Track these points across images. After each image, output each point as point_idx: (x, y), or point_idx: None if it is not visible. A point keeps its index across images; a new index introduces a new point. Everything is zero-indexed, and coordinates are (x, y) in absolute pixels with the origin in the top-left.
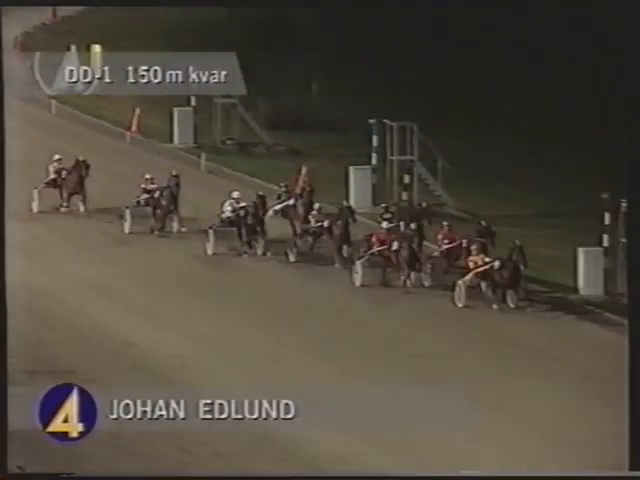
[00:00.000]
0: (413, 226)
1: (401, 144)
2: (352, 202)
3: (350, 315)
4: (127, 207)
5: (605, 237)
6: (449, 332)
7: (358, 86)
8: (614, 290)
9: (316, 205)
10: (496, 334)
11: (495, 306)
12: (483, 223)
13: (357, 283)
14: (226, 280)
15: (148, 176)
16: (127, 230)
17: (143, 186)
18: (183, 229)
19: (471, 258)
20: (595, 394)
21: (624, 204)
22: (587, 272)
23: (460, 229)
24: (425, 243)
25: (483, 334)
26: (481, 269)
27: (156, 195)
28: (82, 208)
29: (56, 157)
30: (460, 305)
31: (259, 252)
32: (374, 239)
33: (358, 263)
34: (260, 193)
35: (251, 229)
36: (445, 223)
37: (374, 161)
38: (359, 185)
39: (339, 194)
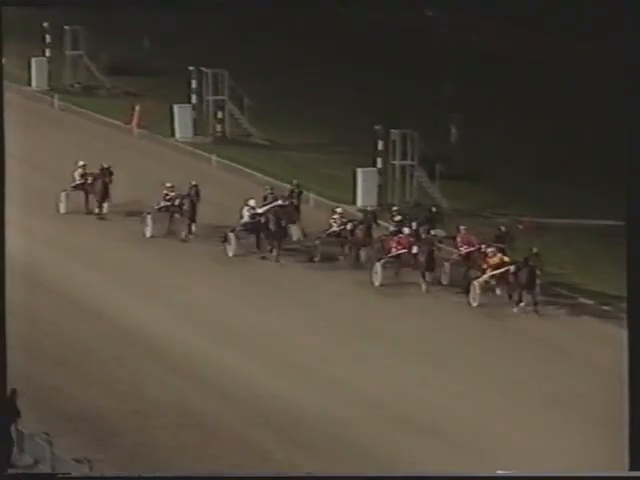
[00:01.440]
0: (432, 232)
1: (214, 87)
2: (177, 134)
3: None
4: (149, 212)
5: (379, 160)
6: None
7: (180, 39)
8: (384, 202)
9: (338, 209)
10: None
11: (515, 309)
12: (503, 229)
13: (376, 283)
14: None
15: (169, 184)
16: (148, 234)
17: (164, 192)
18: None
19: (489, 260)
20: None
21: (394, 132)
22: (364, 188)
23: (269, 161)
24: (442, 246)
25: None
26: (497, 272)
27: (176, 202)
28: (105, 210)
29: (80, 163)
30: (475, 305)
31: (274, 254)
32: (393, 242)
33: (378, 264)
34: (280, 202)
35: (272, 235)
36: (462, 227)
37: (193, 100)
38: (182, 119)
39: (165, 126)
